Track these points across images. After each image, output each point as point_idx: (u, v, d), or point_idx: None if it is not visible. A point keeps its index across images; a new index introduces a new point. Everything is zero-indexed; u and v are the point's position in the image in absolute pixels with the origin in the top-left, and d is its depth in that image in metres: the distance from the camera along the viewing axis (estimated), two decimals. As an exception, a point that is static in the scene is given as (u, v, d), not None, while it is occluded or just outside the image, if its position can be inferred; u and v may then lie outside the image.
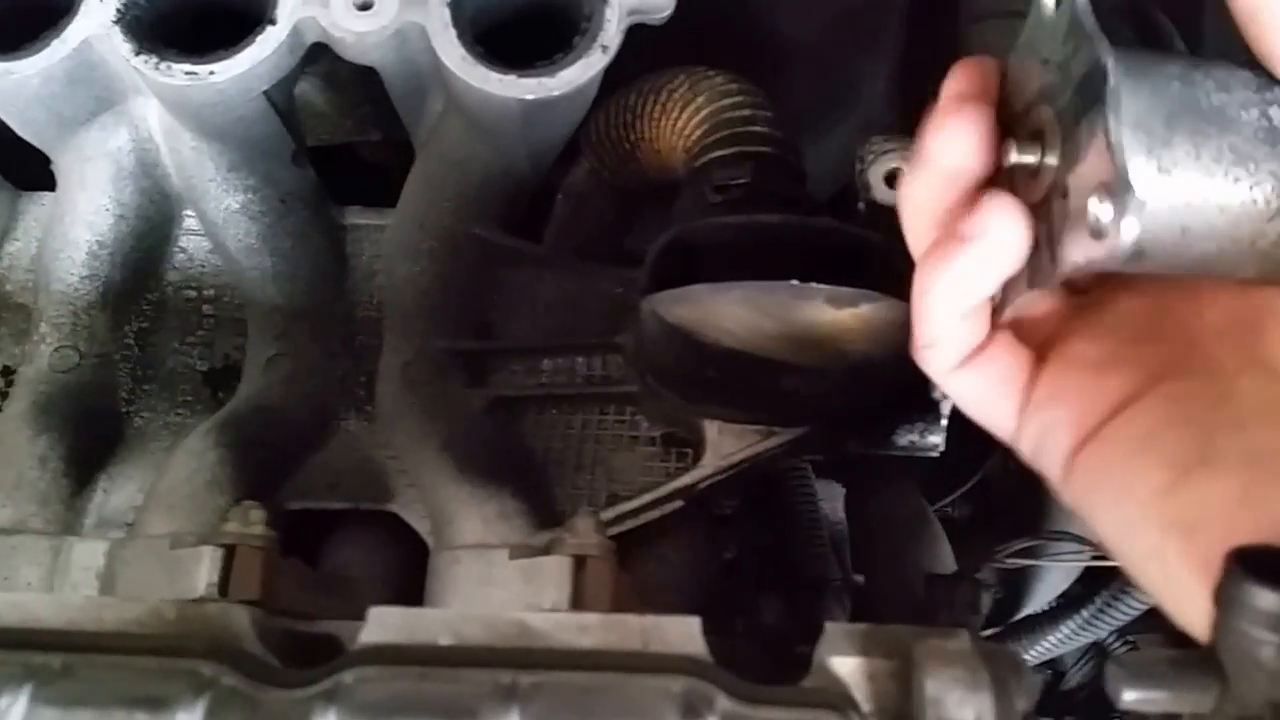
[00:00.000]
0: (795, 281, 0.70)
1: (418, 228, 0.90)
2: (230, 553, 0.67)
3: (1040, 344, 0.58)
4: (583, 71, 0.79)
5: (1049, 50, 0.51)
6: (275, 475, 0.85)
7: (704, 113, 0.91)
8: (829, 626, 0.55)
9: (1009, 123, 0.54)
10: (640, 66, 0.94)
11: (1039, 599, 1.15)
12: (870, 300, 0.71)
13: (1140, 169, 0.47)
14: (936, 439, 0.82)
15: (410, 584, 0.79)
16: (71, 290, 0.89)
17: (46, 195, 0.96)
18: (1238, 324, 0.53)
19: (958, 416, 0.71)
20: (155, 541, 0.73)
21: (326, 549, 0.86)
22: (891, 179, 0.82)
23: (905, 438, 0.82)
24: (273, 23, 0.80)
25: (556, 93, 0.79)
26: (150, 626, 0.52)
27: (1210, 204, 0.47)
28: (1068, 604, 1.15)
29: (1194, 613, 0.48)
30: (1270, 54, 0.47)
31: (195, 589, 0.66)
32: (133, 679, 0.47)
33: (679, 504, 0.81)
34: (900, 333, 0.69)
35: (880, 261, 0.73)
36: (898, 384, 0.79)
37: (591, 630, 0.54)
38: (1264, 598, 0.44)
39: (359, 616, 0.54)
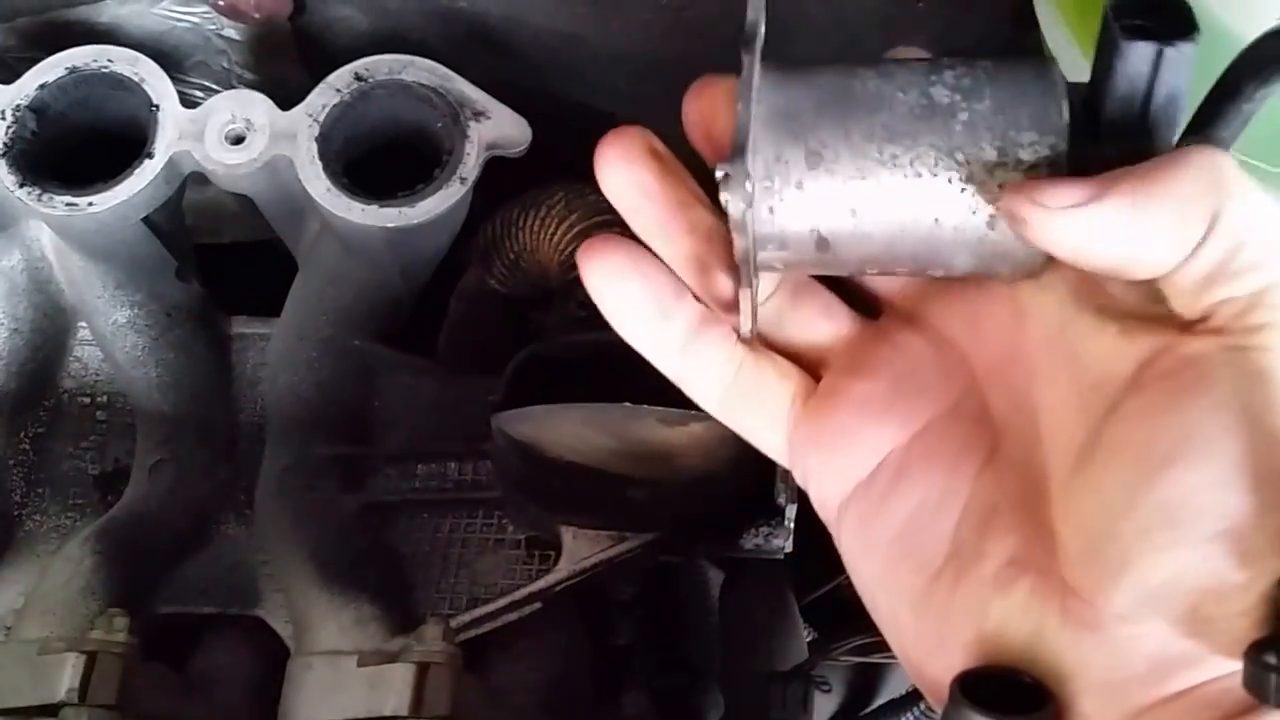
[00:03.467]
0: (628, 404, 0.75)
1: (298, 339, 0.94)
2: (92, 659, 0.71)
3: (819, 375, 0.52)
4: (442, 201, 0.84)
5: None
6: (150, 580, 0.88)
7: (576, 229, 0.96)
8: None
9: None
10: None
11: (891, 690, 1.18)
12: (700, 420, 0.75)
13: (770, 154, 0.45)
14: (781, 541, 0.86)
15: (274, 689, 0.82)
16: (-32, 400, 0.92)
17: (-48, 310, 0.99)
18: (1010, 359, 0.49)
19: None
20: (26, 646, 0.76)
21: (196, 653, 0.89)
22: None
23: (751, 541, 0.86)
24: (150, 156, 0.85)
25: (416, 221, 0.84)
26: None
27: (880, 188, 0.45)
28: (907, 696, 1.18)
29: None
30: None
31: (56, 694, 0.69)
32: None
33: (536, 606, 0.85)
34: (733, 447, 0.74)
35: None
36: (737, 493, 0.84)
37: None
38: (979, 724, 0.48)
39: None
